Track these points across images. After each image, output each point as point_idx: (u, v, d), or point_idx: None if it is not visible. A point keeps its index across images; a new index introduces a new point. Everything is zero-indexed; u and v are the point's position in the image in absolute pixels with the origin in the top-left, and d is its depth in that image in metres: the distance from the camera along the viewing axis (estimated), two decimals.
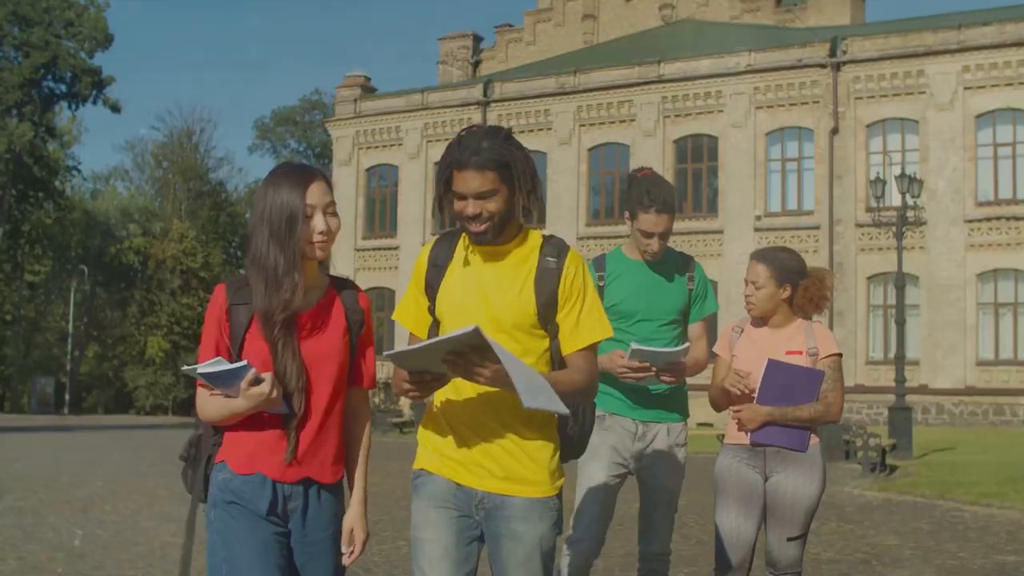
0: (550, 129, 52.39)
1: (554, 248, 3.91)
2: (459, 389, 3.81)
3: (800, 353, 5.72)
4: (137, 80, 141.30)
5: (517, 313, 3.84)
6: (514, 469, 3.84)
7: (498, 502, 3.85)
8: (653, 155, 49.08)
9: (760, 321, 5.89)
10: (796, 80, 47.36)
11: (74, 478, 19.50)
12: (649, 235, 5.70)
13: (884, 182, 31.31)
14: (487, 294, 3.85)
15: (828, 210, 45.84)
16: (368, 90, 59.96)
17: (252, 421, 3.73)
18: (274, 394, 3.64)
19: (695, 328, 5.92)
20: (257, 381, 3.63)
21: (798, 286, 5.81)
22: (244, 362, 3.61)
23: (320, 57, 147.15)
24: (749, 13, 58.45)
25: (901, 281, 28.62)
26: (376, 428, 36.15)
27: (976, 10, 48.91)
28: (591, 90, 51.72)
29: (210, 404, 3.75)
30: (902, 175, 29.79)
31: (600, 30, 62.64)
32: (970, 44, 44.25)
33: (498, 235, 3.84)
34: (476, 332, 3.46)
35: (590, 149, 51.81)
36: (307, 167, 3.88)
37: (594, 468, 5.71)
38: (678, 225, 30.22)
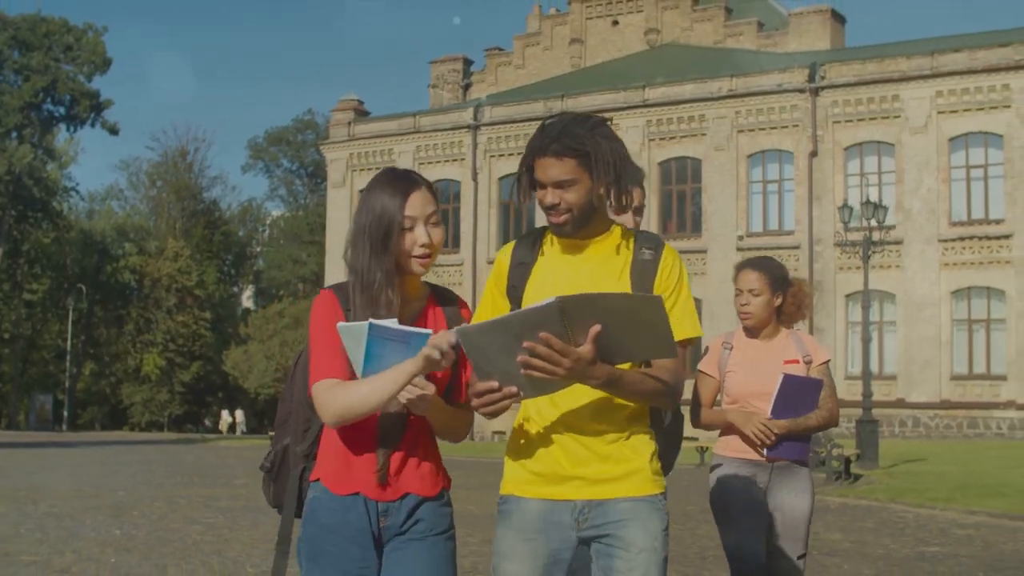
0: None
1: (650, 240, 3.75)
2: (550, 396, 3.57)
3: (797, 362, 5.65)
4: (132, 99, 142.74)
5: None
6: (612, 469, 3.61)
7: (599, 510, 3.61)
8: None
9: (752, 332, 5.77)
10: (776, 104, 48.98)
11: (96, 489, 20.95)
12: (640, 211, 5.36)
13: (851, 208, 32.85)
14: (579, 288, 3.51)
15: (808, 230, 47.40)
16: (361, 114, 61.54)
17: (348, 438, 3.61)
18: (431, 390, 3.46)
19: None
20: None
21: (787, 294, 5.78)
22: (429, 331, 3.46)
23: (313, 78, 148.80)
24: (732, 38, 60.07)
25: (868, 301, 30.16)
26: None
27: (949, 36, 50.67)
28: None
29: (343, 393, 3.51)
30: (867, 201, 31.41)
31: (587, 54, 64.12)
32: (943, 70, 45.92)
33: (580, 227, 3.66)
34: (556, 304, 3.23)
35: None
36: (409, 175, 3.70)
37: None
38: None
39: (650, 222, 50.42)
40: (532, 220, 49.18)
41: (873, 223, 30.91)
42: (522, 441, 3.71)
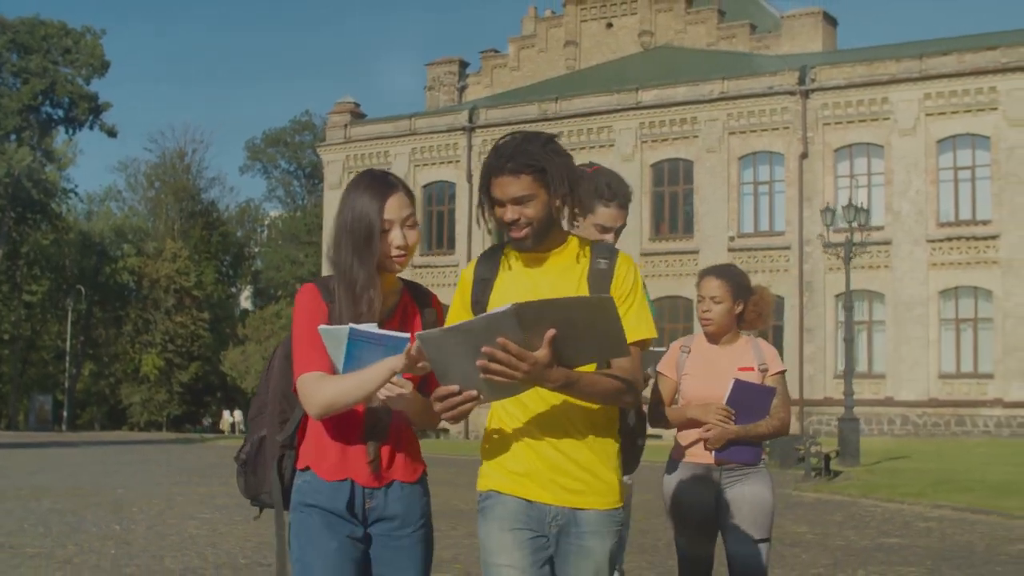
0: None
1: (605, 250, 3.89)
2: (520, 400, 3.73)
3: (752, 369, 5.75)
4: (130, 100, 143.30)
5: None
6: (586, 480, 3.78)
7: (570, 517, 3.78)
8: (631, 178, 50.19)
9: (712, 338, 5.87)
10: (767, 107, 49.56)
11: (95, 487, 21.55)
12: (606, 230, 5.41)
13: (833, 211, 33.44)
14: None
15: (798, 231, 47.95)
16: (357, 116, 62.09)
17: (335, 429, 3.79)
18: (408, 390, 3.66)
19: None
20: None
21: (748, 301, 5.87)
22: (407, 335, 3.64)
23: (311, 80, 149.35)
24: (725, 40, 60.62)
25: (849, 302, 30.81)
26: None
27: (937, 39, 51.27)
28: (572, 116, 53.89)
29: (324, 387, 3.69)
30: (848, 205, 32.04)
31: (582, 56, 64.62)
32: (931, 72, 46.51)
33: (540, 241, 3.80)
34: (513, 311, 3.35)
35: None
36: (387, 178, 3.89)
37: None
38: (655, 246, 33.21)
39: (642, 223, 51.08)
40: None
41: (855, 225, 31.55)
42: (497, 442, 3.84)
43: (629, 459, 4.14)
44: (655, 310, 5.46)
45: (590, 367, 3.66)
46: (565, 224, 4.14)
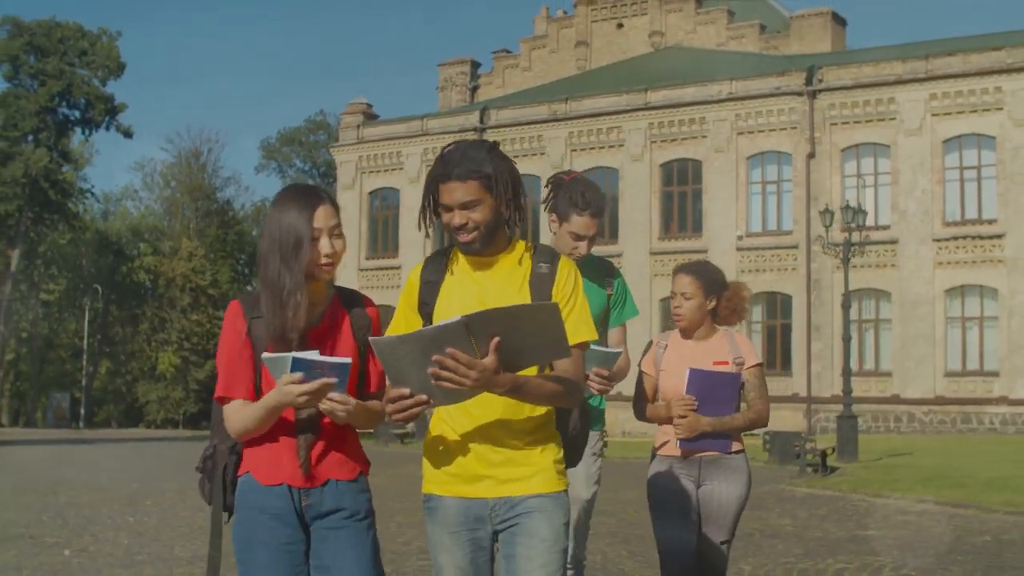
0: (543, 154, 55.09)
1: (546, 254, 3.99)
2: (455, 406, 3.86)
3: (727, 363, 5.82)
4: (146, 100, 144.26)
5: None
6: (519, 470, 3.90)
7: (508, 504, 3.91)
8: (640, 178, 52.06)
9: (686, 334, 5.96)
10: (775, 107, 50.03)
11: (111, 482, 22.24)
12: (580, 238, 5.63)
13: (832, 212, 33.94)
14: (485, 302, 3.80)
15: (806, 230, 48.35)
16: (370, 117, 62.73)
17: (271, 435, 3.91)
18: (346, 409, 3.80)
19: (614, 333, 5.90)
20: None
21: (721, 297, 5.93)
22: (348, 359, 3.76)
23: (325, 79, 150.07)
24: (735, 40, 61.15)
25: (848, 301, 31.32)
26: (378, 438, 38.61)
27: (943, 39, 51.70)
28: (582, 117, 54.45)
29: (242, 415, 3.88)
30: (846, 207, 32.59)
31: (593, 56, 65.13)
32: (937, 73, 46.92)
33: (487, 244, 3.90)
34: (462, 322, 3.49)
35: (581, 173, 54.32)
36: (314, 190, 4.01)
37: None
38: (664, 245, 34.03)
39: (652, 222, 51.69)
40: (537, 221, 49.99)
41: (853, 226, 32.08)
42: (438, 445, 4.00)
43: (571, 454, 4.21)
44: (637, 312, 6.13)
45: (533, 370, 3.82)
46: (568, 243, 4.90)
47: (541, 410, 3.93)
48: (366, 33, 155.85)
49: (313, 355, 3.71)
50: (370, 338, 3.70)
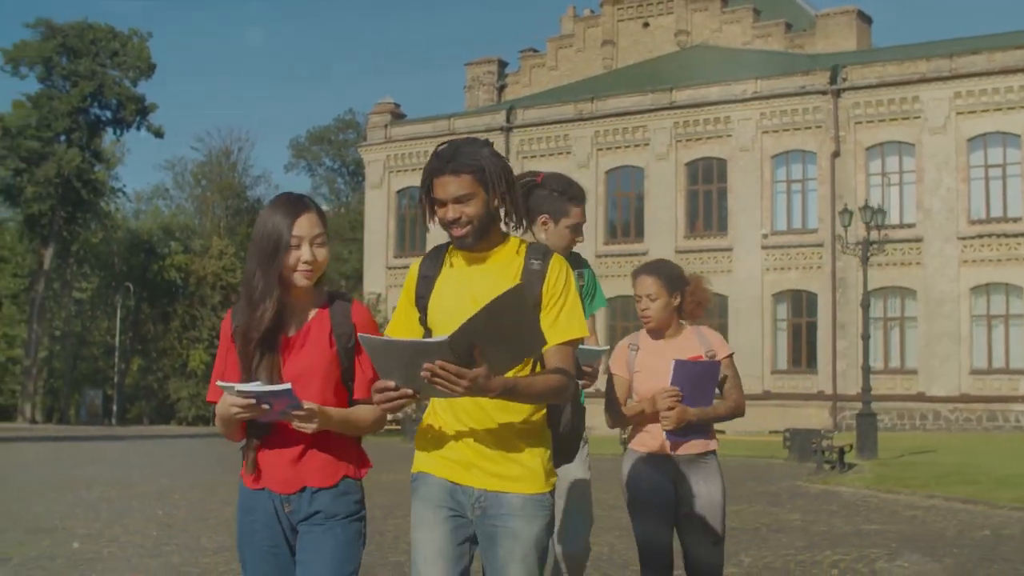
0: (569, 153, 55.50)
1: (538, 251, 4.03)
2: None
3: (700, 357, 5.83)
4: (176, 100, 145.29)
5: None
6: (510, 468, 3.94)
7: (494, 500, 3.94)
8: (666, 177, 52.40)
9: (655, 334, 5.95)
10: (800, 106, 50.29)
11: (142, 477, 22.81)
12: (578, 229, 5.76)
13: (851, 212, 34.19)
14: (476, 297, 3.86)
15: (830, 229, 48.54)
16: (398, 116, 63.29)
17: (253, 441, 4.04)
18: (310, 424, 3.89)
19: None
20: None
21: (684, 293, 5.92)
22: (287, 385, 3.79)
23: (354, 78, 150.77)
24: (760, 39, 61.42)
25: (867, 301, 31.55)
26: (405, 434, 39.05)
27: (968, 37, 51.81)
28: (607, 116, 54.82)
29: (216, 420, 4.02)
30: (865, 206, 32.89)
31: (619, 55, 65.48)
32: (962, 71, 47.08)
33: (480, 239, 3.96)
34: (447, 342, 3.53)
35: (607, 172, 54.88)
36: (301, 199, 4.08)
37: None
38: (690, 243, 34.52)
39: (677, 221, 52.02)
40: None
41: (873, 225, 32.37)
42: (431, 431, 4.07)
43: (565, 451, 4.32)
44: (606, 302, 6.25)
45: (528, 367, 3.92)
46: (542, 233, 5.05)
47: (535, 406, 4.00)
48: (395, 32, 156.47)
49: (253, 386, 3.79)
50: (359, 335, 3.75)
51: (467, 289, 3.97)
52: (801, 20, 62.99)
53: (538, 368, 4.00)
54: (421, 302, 4.09)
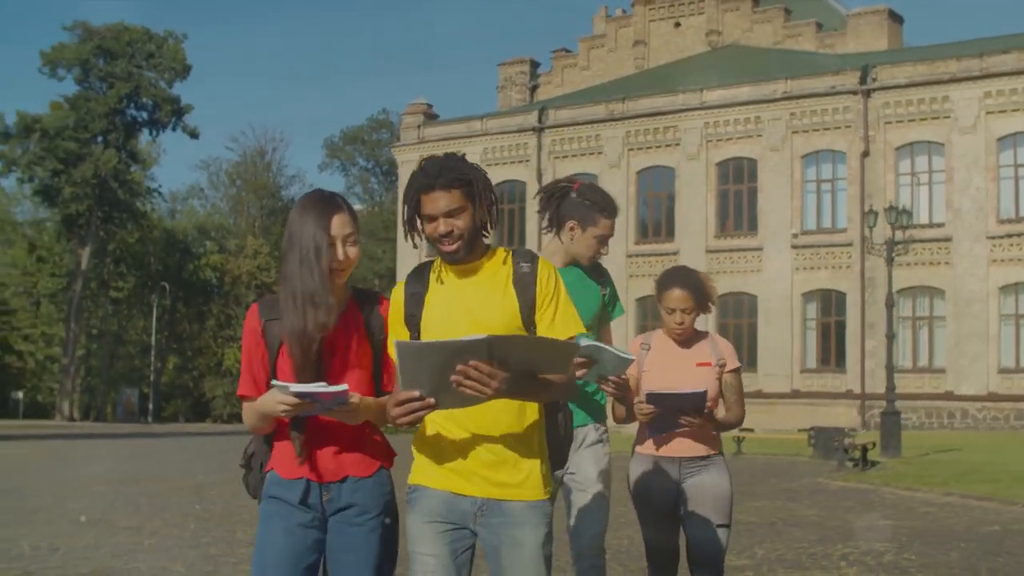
0: (600, 153, 55.92)
1: (525, 256, 4.07)
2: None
3: (709, 364, 5.89)
4: (211, 100, 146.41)
5: (503, 317, 3.96)
6: (510, 475, 3.97)
7: (496, 508, 3.97)
8: (697, 177, 52.75)
9: (684, 343, 5.98)
10: (829, 106, 50.53)
11: (180, 473, 23.47)
12: (604, 240, 5.86)
13: (876, 213, 34.50)
14: (471, 306, 3.96)
15: (860, 228, 48.70)
16: (430, 117, 63.83)
17: (286, 432, 4.07)
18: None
19: (605, 332, 6.03)
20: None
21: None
22: (344, 386, 3.84)
23: (387, 78, 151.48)
24: (791, 38, 61.54)
25: (891, 301, 31.74)
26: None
27: (997, 37, 51.87)
28: (638, 116, 55.18)
29: (247, 414, 4.08)
30: (890, 208, 33.17)
31: (650, 55, 65.71)
32: (992, 71, 47.20)
33: (469, 252, 3.99)
34: (486, 340, 3.61)
35: (638, 172, 55.25)
36: (333, 198, 4.12)
37: None
38: (720, 243, 35.10)
39: (708, 221, 52.36)
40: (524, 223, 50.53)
41: (898, 226, 32.68)
42: (430, 439, 4.06)
43: (558, 456, 4.30)
44: (623, 311, 6.21)
45: None
46: (573, 242, 5.35)
47: (534, 413, 4.05)
48: (428, 33, 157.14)
49: (315, 387, 3.83)
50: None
51: (460, 302, 4.01)
52: (832, 20, 63.08)
53: None
54: (412, 320, 4.08)
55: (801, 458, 29.18)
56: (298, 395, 3.79)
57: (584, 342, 4.91)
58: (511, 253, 4.09)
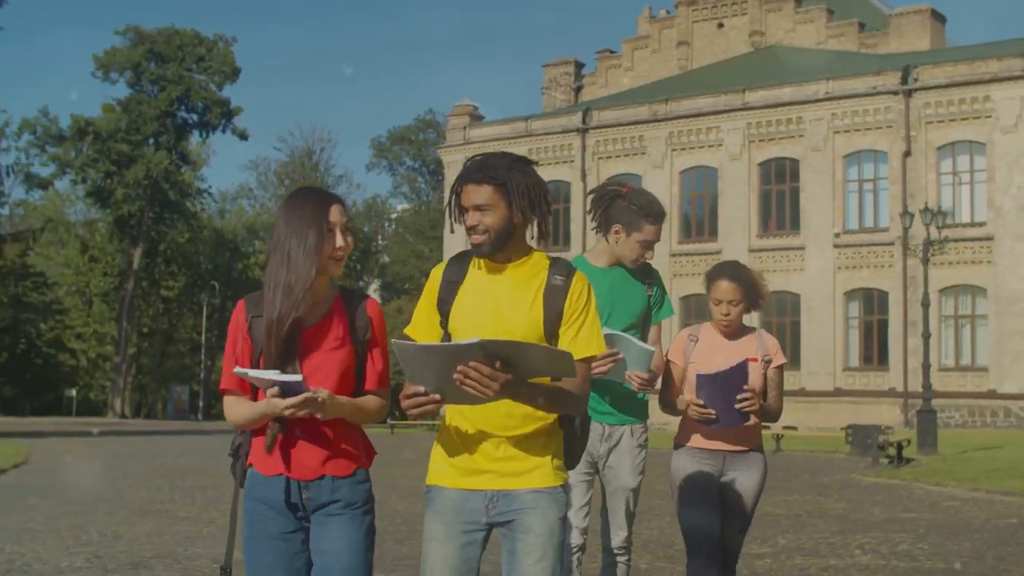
0: (644, 154, 56.41)
1: (562, 267, 4.11)
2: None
3: (756, 360, 5.97)
4: (260, 101, 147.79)
5: (527, 326, 4.01)
6: (519, 465, 4.04)
7: (506, 497, 4.04)
8: (739, 177, 53.16)
9: (731, 335, 6.10)
10: (871, 106, 50.81)
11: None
12: (649, 246, 5.95)
13: (911, 215, 34.93)
14: (500, 308, 4.03)
15: (901, 227, 48.96)
16: (476, 118, 64.53)
17: (282, 427, 4.01)
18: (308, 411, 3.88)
19: (651, 332, 6.12)
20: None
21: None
22: (299, 376, 3.85)
23: (434, 77, 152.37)
24: (834, 39, 61.80)
25: (927, 300, 32.13)
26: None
27: None
28: (681, 117, 55.65)
29: (234, 409, 4.10)
30: (925, 208, 33.60)
31: (694, 56, 66.08)
32: None
33: (497, 250, 4.05)
34: (478, 346, 3.67)
35: (681, 172, 55.71)
36: (327, 191, 4.21)
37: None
38: (763, 242, 36.07)
39: (751, 220, 52.74)
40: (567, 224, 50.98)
41: (934, 227, 33.07)
42: (448, 438, 4.15)
43: (571, 457, 4.28)
44: (672, 312, 6.38)
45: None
46: (614, 241, 5.59)
47: (547, 414, 4.09)
48: (473, 33, 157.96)
49: (270, 374, 3.88)
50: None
51: (490, 297, 4.08)
52: (875, 20, 63.25)
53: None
54: (443, 306, 4.16)
55: (839, 455, 29.65)
56: (258, 380, 3.89)
57: (606, 331, 5.03)
58: (550, 262, 4.14)
